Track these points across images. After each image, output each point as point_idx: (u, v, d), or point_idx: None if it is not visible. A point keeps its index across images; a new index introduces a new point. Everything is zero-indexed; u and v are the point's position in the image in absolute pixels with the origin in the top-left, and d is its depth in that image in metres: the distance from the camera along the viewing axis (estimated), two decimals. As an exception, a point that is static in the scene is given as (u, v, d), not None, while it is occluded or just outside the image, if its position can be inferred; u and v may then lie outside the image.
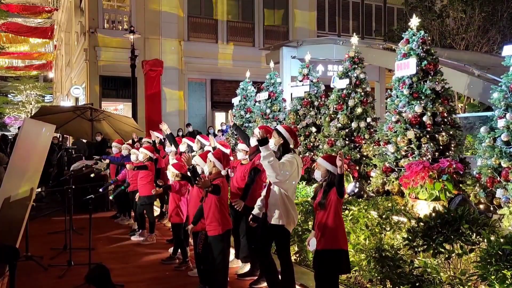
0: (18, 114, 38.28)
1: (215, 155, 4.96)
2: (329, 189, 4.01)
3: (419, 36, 5.85)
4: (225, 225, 4.81)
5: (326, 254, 3.98)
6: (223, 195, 4.77)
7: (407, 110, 5.74)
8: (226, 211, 4.90)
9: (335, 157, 4.08)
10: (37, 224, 8.27)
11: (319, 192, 4.14)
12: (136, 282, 5.68)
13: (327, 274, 4.01)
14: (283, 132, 4.68)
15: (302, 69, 8.49)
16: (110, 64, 18.09)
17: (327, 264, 3.98)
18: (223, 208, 4.78)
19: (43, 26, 32.90)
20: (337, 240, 3.96)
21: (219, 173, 4.89)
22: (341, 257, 3.98)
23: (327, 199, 3.99)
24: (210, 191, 4.57)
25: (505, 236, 3.52)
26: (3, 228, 4.55)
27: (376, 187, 6.11)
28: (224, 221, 4.79)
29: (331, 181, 4.04)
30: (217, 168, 4.91)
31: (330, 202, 3.97)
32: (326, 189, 4.04)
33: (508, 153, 4.55)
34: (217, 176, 4.85)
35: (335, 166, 3.93)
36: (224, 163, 4.97)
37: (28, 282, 5.66)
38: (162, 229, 8.44)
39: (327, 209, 3.99)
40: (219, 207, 4.73)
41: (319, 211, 4.08)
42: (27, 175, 5.08)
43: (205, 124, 19.17)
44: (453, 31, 16.78)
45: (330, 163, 4.05)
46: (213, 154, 5.01)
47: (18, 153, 4.54)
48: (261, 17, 20.93)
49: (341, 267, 4.01)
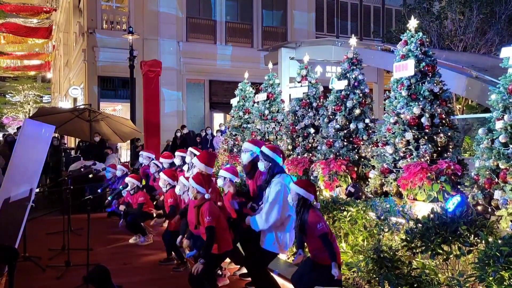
0: (16, 114, 38.20)
1: (195, 180, 4.78)
2: (302, 213, 4.05)
3: (417, 37, 5.86)
4: (223, 248, 4.73)
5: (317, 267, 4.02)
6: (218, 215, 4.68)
7: (405, 112, 5.75)
8: (225, 231, 4.80)
9: (307, 182, 4.22)
10: (35, 225, 8.26)
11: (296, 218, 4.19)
12: (134, 283, 5.68)
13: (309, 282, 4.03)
14: (268, 153, 4.68)
15: (301, 70, 8.49)
16: (108, 65, 18.09)
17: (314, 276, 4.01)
18: (220, 231, 4.68)
19: (41, 27, 32.88)
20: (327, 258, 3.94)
21: (203, 198, 4.72)
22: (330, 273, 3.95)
23: (306, 223, 4.01)
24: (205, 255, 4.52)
25: (503, 238, 3.53)
26: (2, 228, 4.55)
27: (374, 188, 6.11)
28: (222, 244, 4.71)
29: (302, 206, 4.09)
30: (201, 193, 4.75)
31: (310, 228, 3.99)
32: (299, 212, 4.09)
33: (506, 154, 4.56)
34: (203, 201, 4.69)
35: (308, 191, 4.05)
36: (206, 186, 4.76)
37: (26, 283, 5.65)
38: (159, 230, 8.43)
39: (307, 234, 4.03)
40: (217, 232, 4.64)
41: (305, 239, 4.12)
42: (26, 176, 5.07)
43: (203, 125, 19.17)
44: (451, 32, 16.81)
45: (301, 187, 4.10)
46: (193, 179, 4.83)
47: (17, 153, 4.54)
48: (260, 18, 20.95)
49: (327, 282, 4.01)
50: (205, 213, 4.56)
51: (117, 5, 20.27)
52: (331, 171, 6.74)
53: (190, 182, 4.85)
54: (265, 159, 4.69)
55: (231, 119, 10.79)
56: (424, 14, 16.85)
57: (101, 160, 11.84)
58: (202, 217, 4.58)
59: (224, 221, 4.86)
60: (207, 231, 4.51)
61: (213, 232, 4.51)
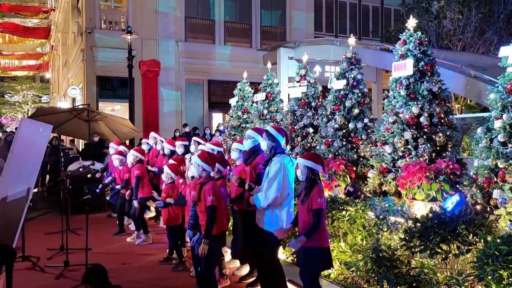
0: (14, 114, 38.18)
1: (201, 158, 4.80)
2: (310, 186, 4.08)
3: (416, 37, 5.86)
4: (219, 228, 4.76)
5: (308, 251, 4.05)
6: (218, 197, 4.72)
7: (404, 111, 5.75)
8: (222, 212, 4.85)
9: (313, 154, 4.26)
10: (34, 225, 8.24)
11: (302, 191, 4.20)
12: (133, 283, 5.68)
13: (307, 270, 4.11)
14: (273, 132, 4.71)
15: (300, 70, 8.49)
16: (107, 65, 18.05)
17: (308, 261, 4.06)
18: (218, 212, 4.70)
19: (40, 27, 32.83)
20: (318, 238, 4.04)
21: (209, 175, 4.78)
22: (322, 254, 4.08)
23: (309, 196, 4.05)
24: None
25: (502, 237, 3.53)
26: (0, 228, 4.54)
27: (373, 187, 6.12)
28: (219, 224, 4.74)
29: (311, 178, 4.11)
30: (206, 171, 4.79)
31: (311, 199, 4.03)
32: (307, 186, 4.12)
33: (504, 154, 4.56)
34: (207, 179, 4.74)
35: (315, 162, 4.09)
36: (212, 164, 4.83)
37: (24, 283, 5.64)
38: (158, 229, 8.42)
39: (309, 207, 4.04)
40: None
41: (301, 210, 4.15)
42: (24, 175, 5.06)
43: (202, 124, 19.16)
44: (450, 32, 16.82)
45: (308, 159, 4.14)
46: (198, 157, 4.85)
47: (15, 153, 4.52)
48: (259, 17, 20.93)
49: (321, 263, 4.11)
50: (208, 192, 4.60)
51: (115, 4, 20.24)
52: (330, 171, 6.74)
53: (196, 159, 4.85)
54: (268, 138, 4.71)
55: (230, 119, 10.78)
56: (423, 14, 16.86)
57: (100, 160, 11.81)
58: (205, 195, 4.63)
59: (223, 203, 4.95)
60: (209, 210, 4.56)
61: (215, 211, 4.56)
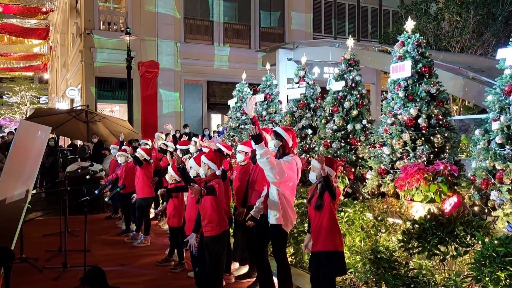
0: (13, 115, 38.09)
1: (208, 157, 5.00)
2: (324, 191, 4.03)
3: (414, 38, 5.87)
4: (222, 226, 4.80)
5: (322, 256, 3.99)
6: (219, 195, 4.77)
7: (403, 113, 5.76)
8: (223, 211, 4.90)
9: (330, 158, 4.13)
10: (32, 226, 8.24)
11: (315, 194, 4.15)
12: (131, 284, 5.67)
13: (324, 276, 4.02)
14: (282, 133, 4.65)
15: (298, 71, 8.50)
16: (106, 66, 18.06)
17: (324, 266, 3.98)
18: (220, 209, 4.78)
19: (38, 27, 32.78)
20: (333, 241, 3.98)
21: (214, 174, 4.93)
22: (337, 258, 4.00)
23: (323, 200, 4.01)
24: (205, 194, 4.58)
25: (500, 238, 3.54)
26: (-2, 230, 4.54)
27: (371, 189, 6.13)
28: (221, 222, 4.78)
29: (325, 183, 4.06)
30: (212, 169, 4.94)
31: (325, 204, 3.99)
32: (322, 191, 4.05)
33: (502, 155, 4.57)
34: (213, 178, 4.87)
35: (331, 167, 3.99)
36: (218, 163, 5.01)
37: (23, 284, 5.64)
38: (157, 231, 8.42)
39: (323, 211, 4.01)
40: (216, 208, 4.72)
41: (314, 214, 4.09)
42: (22, 177, 5.07)
43: (201, 125, 19.17)
44: (448, 34, 16.85)
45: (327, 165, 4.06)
46: (205, 156, 5.05)
47: (13, 155, 4.53)
48: (258, 19, 20.96)
49: (338, 268, 4.03)
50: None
51: (114, 5, 20.23)
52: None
53: (203, 158, 5.00)
54: (276, 138, 4.67)
55: (228, 120, 10.79)
56: (421, 16, 16.88)
57: (99, 161, 11.80)
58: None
59: (224, 204, 5.00)
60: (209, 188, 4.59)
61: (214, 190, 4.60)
